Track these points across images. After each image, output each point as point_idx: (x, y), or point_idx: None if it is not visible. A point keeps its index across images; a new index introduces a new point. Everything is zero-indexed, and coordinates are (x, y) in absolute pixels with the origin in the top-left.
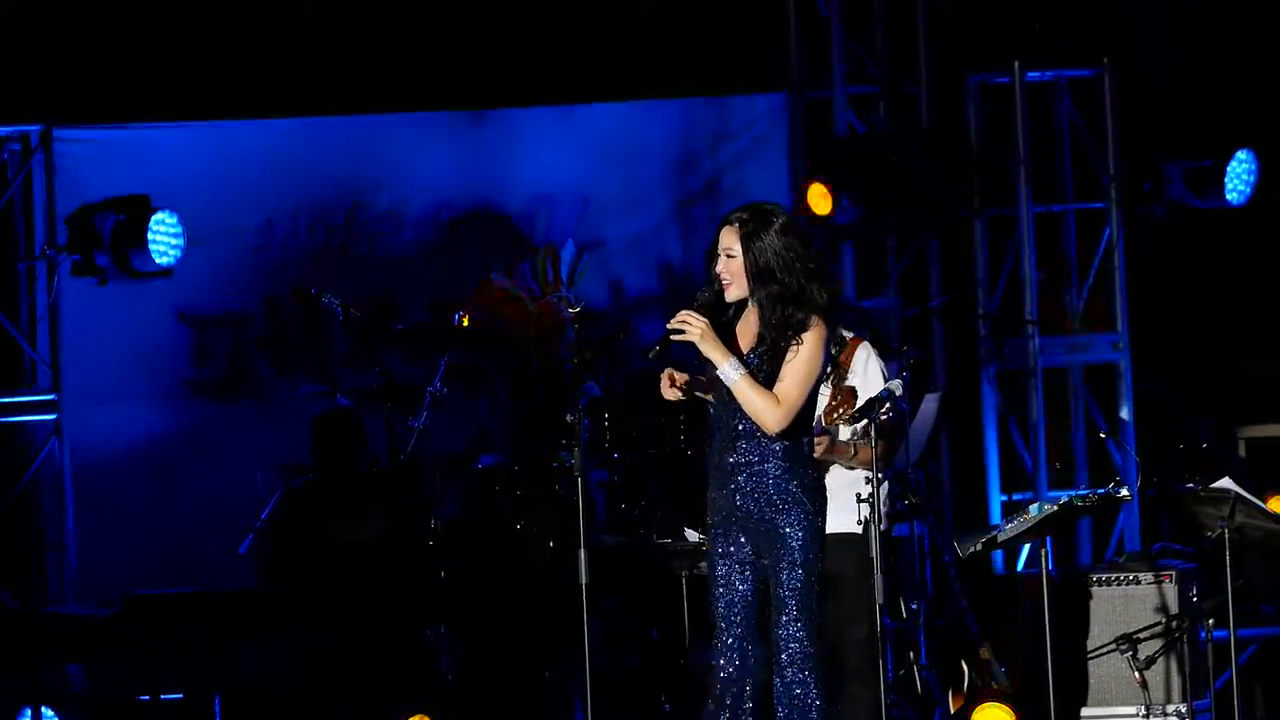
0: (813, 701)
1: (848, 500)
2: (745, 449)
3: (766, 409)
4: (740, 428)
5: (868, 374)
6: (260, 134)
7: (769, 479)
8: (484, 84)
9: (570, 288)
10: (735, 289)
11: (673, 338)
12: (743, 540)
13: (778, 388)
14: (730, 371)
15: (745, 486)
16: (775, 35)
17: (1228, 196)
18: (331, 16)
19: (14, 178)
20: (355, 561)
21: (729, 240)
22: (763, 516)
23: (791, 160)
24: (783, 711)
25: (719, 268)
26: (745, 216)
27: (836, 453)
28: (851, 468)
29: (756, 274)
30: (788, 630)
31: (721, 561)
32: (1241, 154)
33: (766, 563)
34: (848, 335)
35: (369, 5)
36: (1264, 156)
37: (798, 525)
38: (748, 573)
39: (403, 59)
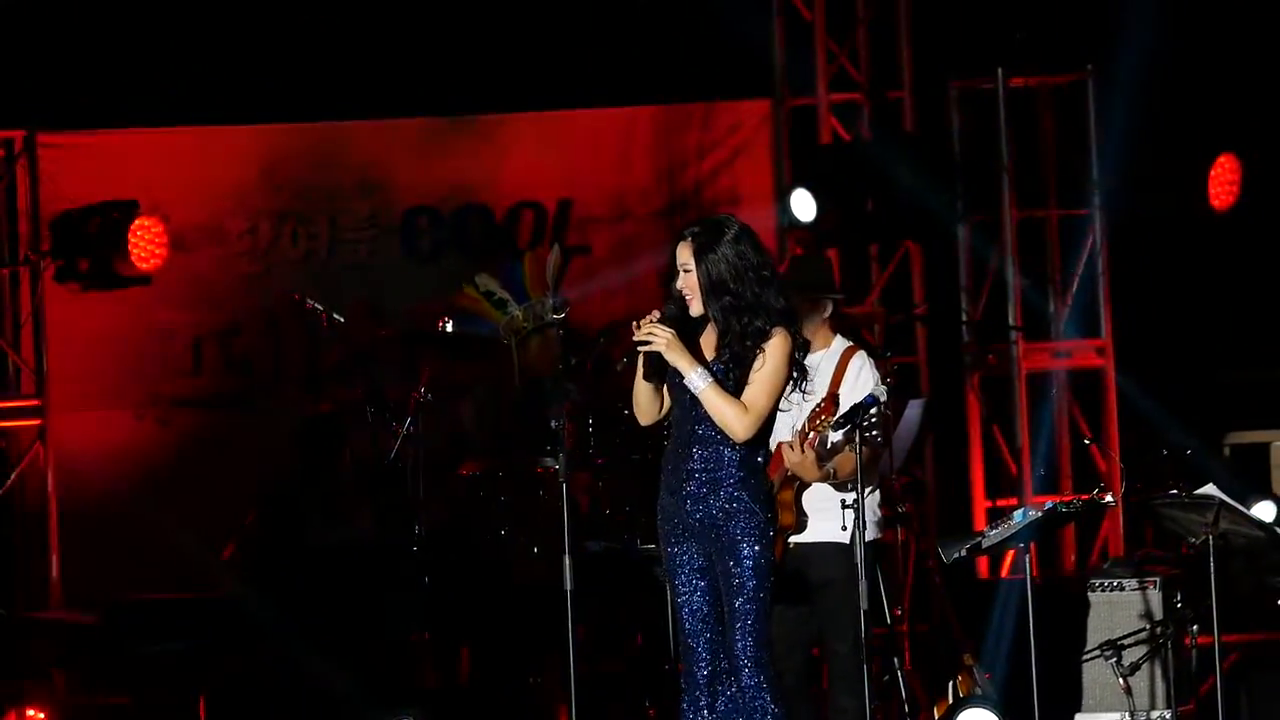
0: (768, 708)
1: (834, 509)
2: (700, 456)
3: (735, 417)
4: (697, 432)
5: (859, 383)
6: (243, 140)
7: (721, 487)
8: (468, 90)
9: (555, 292)
10: (696, 304)
11: (640, 349)
12: (694, 548)
13: (746, 395)
14: (697, 380)
15: (697, 493)
16: (760, 43)
17: (1211, 202)
18: (316, 24)
19: None
20: (339, 567)
21: (684, 255)
22: (714, 524)
23: (776, 167)
24: (740, 713)
25: (678, 283)
26: (697, 230)
27: (806, 474)
28: (837, 485)
29: (710, 287)
30: (743, 640)
31: (679, 571)
32: (1224, 159)
33: (719, 571)
34: (845, 343)
35: (355, 12)
36: (1247, 161)
37: (749, 534)
38: (703, 580)
39: (386, 65)
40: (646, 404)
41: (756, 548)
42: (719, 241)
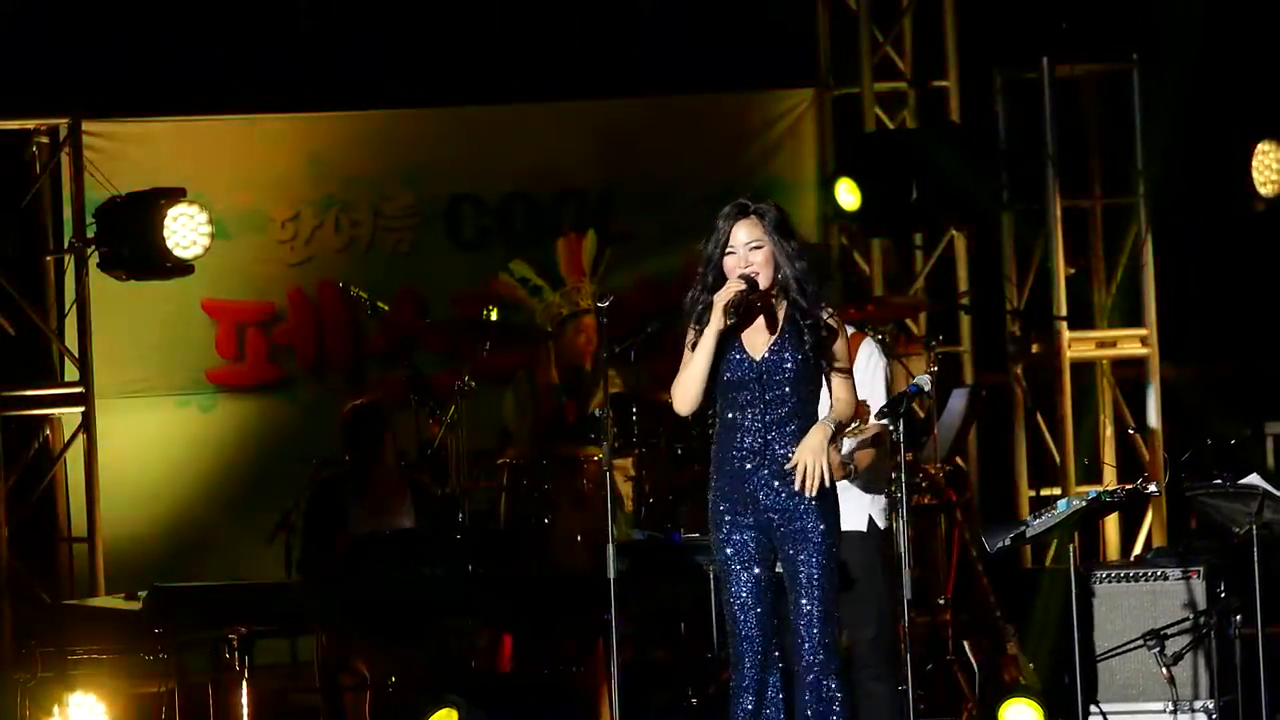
0: (835, 693)
1: (851, 499)
2: (778, 438)
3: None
4: (771, 416)
5: (869, 371)
6: (287, 128)
7: (784, 466)
8: (513, 78)
9: (593, 278)
10: (763, 279)
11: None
12: (756, 532)
13: (844, 389)
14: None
15: (770, 479)
16: (805, 32)
17: (1258, 190)
18: (361, 12)
19: (42, 170)
20: (383, 555)
21: (755, 232)
22: (784, 509)
23: (820, 156)
24: (809, 703)
25: (742, 260)
26: (763, 208)
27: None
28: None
29: (789, 264)
30: (809, 625)
31: (736, 554)
32: (1266, 145)
33: (788, 554)
34: (849, 330)
35: (396, 1)
36: None
37: (818, 514)
38: (762, 566)
39: (431, 53)
40: (697, 391)
41: (826, 530)
42: (786, 222)
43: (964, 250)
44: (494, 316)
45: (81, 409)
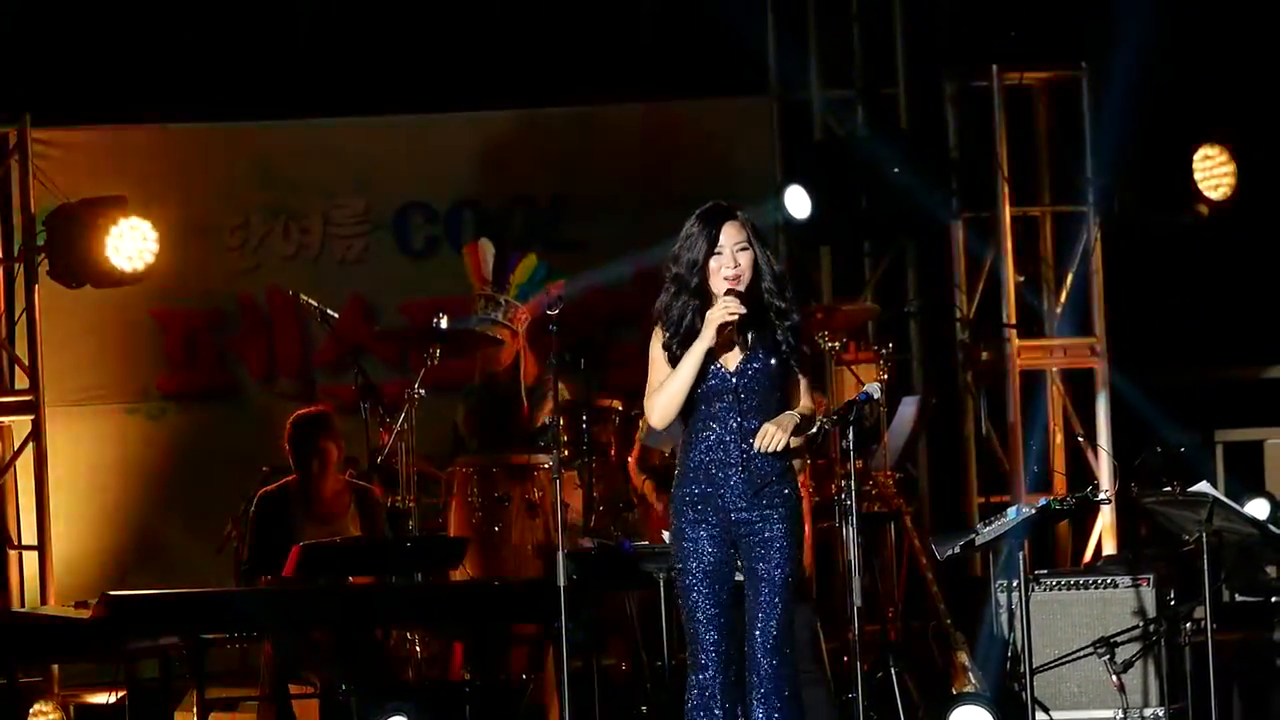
0: (793, 701)
1: None
2: (747, 448)
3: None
4: (747, 425)
5: None
6: (236, 137)
7: (759, 477)
8: (461, 86)
9: (496, 286)
10: (745, 281)
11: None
12: (720, 540)
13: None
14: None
15: (739, 487)
16: (755, 39)
17: (1204, 195)
18: (310, 21)
19: None
20: (332, 563)
21: (740, 235)
22: (751, 519)
23: (770, 163)
24: (768, 712)
25: (729, 262)
26: (744, 214)
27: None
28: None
29: (767, 269)
30: (767, 630)
31: (699, 564)
32: (1210, 150)
33: (751, 563)
34: None
35: (348, 9)
36: (1240, 157)
37: (785, 526)
38: (724, 575)
39: (379, 62)
40: (678, 406)
41: (789, 537)
42: (759, 232)
43: (913, 258)
44: (444, 324)
45: (31, 417)
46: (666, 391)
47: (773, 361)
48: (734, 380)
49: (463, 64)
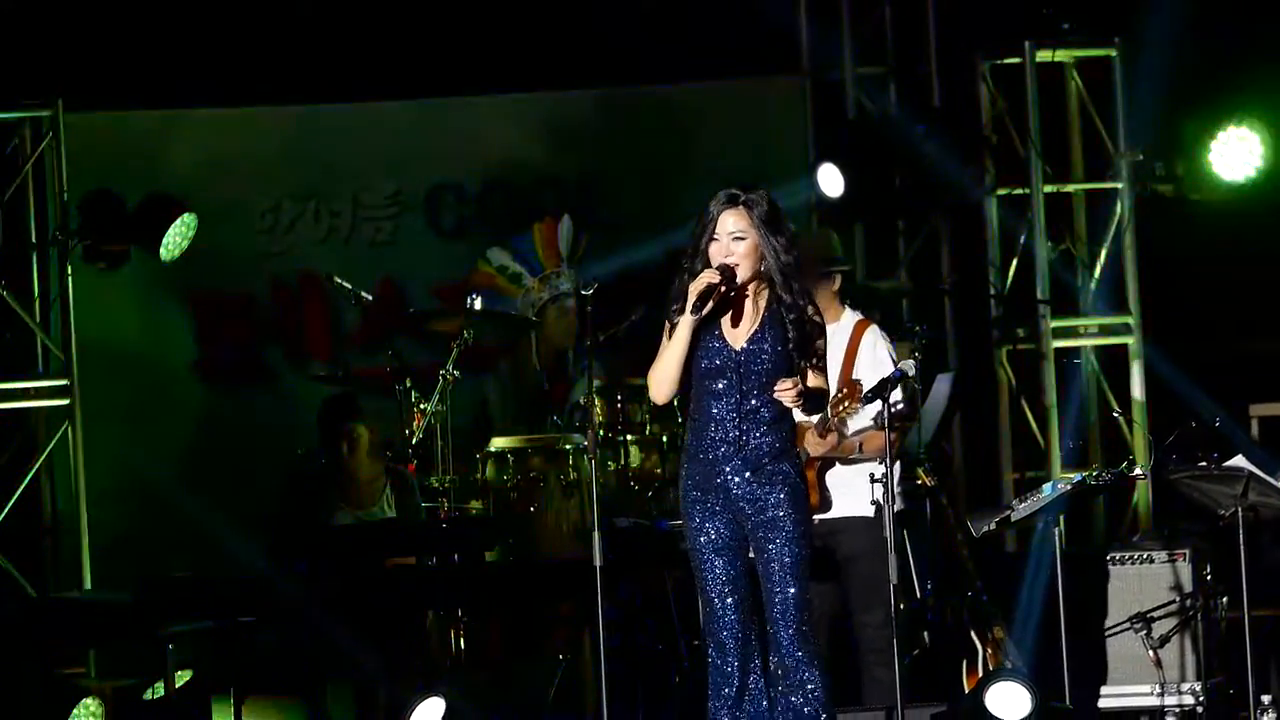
0: (813, 679)
1: (859, 484)
2: (751, 428)
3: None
4: (746, 405)
5: (876, 358)
6: (267, 121)
7: (765, 458)
8: (493, 67)
9: (569, 263)
10: (744, 270)
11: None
12: (728, 521)
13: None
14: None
15: (740, 467)
16: (787, 18)
17: (1238, 173)
18: (340, 5)
19: (25, 162)
20: (367, 545)
21: (740, 223)
22: (755, 499)
23: (803, 142)
24: (788, 690)
25: (724, 249)
26: (753, 198)
27: (843, 450)
28: (864, 459)
29: (773, 252)
30: (784, 610)
31: (710, 542)
32: (1242, 131)
33: (760, 544)
34: (855, 316)
35: None
36: (1273, 132)
37: (789, 504)
38: (736, 554)
39: (410, 45)
40: (673, 378)
41: (797, 517)
42: (777, 214)
43: (947, 236)
44: (477, 305)
45: (65, 401)
46: (659, 364)
47: (778, 347)
48: (738, 358)
49: (492, 46)
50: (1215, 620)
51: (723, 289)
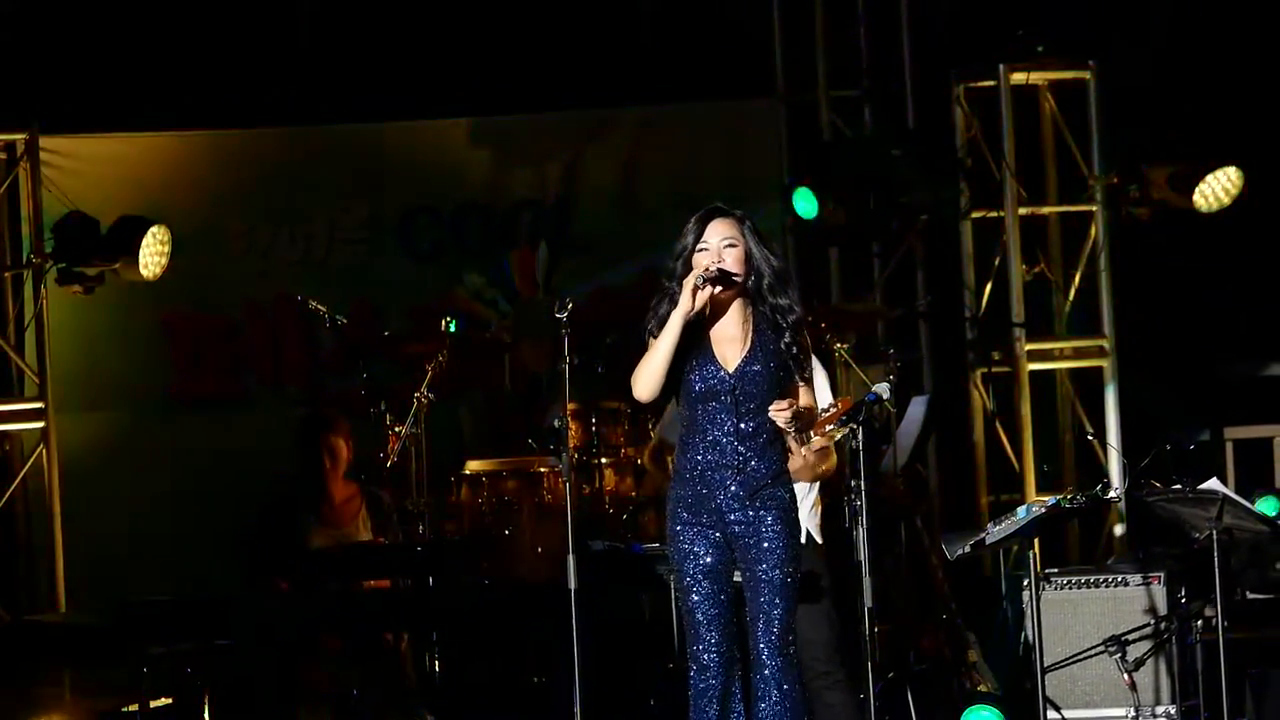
0: (795, 703)
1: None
2: (744, 451)
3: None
4: (744, 427)
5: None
6: (243, 143)
7: (757, 479)
8: (467, 91)
9: (545, 289)
10: (737, 275)
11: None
12: (717, 541)
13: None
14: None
15: (736, 490)
16: (762, 39)
17: (1196, 205)
18: (314, 29)
19: (0, 185)
20: (342, 568)
21: (731, 230)
22: (747, 520)
23: (778, 164)
24: (770, 712)
25: (717, 257)
26: (739, 212)
27: (800, 476)
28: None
29: (765, 262)
30: (769, 631)
31: (697, 564)
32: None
33: (749, 564)
34: None
35: (352, 15)
36: (1246, 159)
37: (781, 526)
38: (723, 575)
39: (384, 68)
40: (660, 376)
41: (787, 538)
42: (759, 231)
43: (921, 258)
44: (452, 328)
45: (41, 424)
46: (648, 360)
47: (771, 365)
48: (731, 381)
49: (467, 68)
50: (1190, 643)
51: (718, 289)
